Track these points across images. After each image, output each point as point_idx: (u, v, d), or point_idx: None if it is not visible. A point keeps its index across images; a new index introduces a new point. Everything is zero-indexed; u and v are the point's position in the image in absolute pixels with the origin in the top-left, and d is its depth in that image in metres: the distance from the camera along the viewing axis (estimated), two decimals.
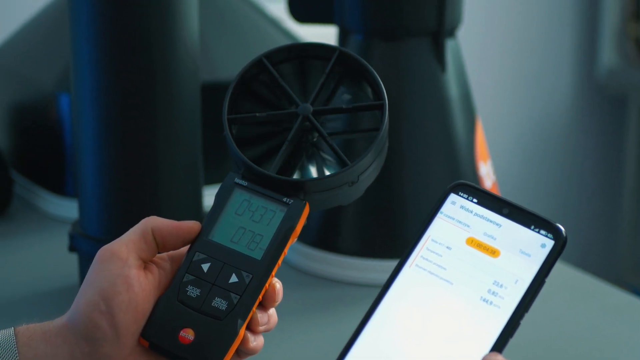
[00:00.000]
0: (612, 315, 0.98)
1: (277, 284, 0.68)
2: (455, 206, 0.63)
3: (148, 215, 0.69)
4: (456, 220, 0.62)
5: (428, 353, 0.59)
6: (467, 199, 0.63)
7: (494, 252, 0.61)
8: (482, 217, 0.62)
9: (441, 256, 0.62)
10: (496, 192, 1.11)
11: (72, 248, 0.98)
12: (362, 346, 0.60)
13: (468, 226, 0.62)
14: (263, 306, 0.68)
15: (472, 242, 0.61)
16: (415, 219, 1.03)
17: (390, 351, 0.60)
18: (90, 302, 0.65)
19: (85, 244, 0.95)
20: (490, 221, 0.61)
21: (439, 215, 0.63)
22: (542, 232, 0.60)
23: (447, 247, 0.62)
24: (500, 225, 0.61)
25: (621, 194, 2.54)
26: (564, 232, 0.60)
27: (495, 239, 0.61)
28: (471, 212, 0.62)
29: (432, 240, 0.62)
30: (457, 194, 0.63)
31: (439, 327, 0.60)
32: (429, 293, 0.61)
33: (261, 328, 0.67)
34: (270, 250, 0.67)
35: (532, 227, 0.61)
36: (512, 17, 2.40)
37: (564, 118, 2.52)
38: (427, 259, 0.62)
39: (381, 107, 0.70)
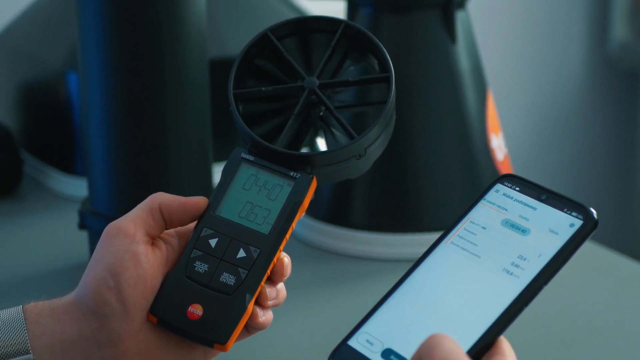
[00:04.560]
0: (628, 287, 0.97)
1: (286, 258, 0.67)
2: (499, 194, 0.65)
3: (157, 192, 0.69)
4: (496, 205, 0.65)
5: (445, 316, 0.61)
6: (510, 187, 0.65)
7: (524, 231, 0.63)
8: (520, 202, 0.64)
9: (475, 235, 0.64)
10: (508, 164, 1.10)
11: (81, 226, 0.98)
12: (388, 308, 0.62)
13: (506, 210, 0.65)
14: (272, 281, 0.67)
15: (507, 223, 0.64)
16: (427, 192, 1.03)
17: (411, 314, 0.62)
18: (98, 278, 0.65)
19: (95, 221, 0.95)
20: (527, 205, 0.64)
21: (482, 201, 0.66)
22: (574, 213, 0.62)
23: (483, 227, 0.64)
24: (536, 209, 0.64)
25: (634, 168, 2.52)
26: (594, 215, 0.62)
27: (528, 220, 0.63)
28: (511, 198, 0.65)
29: (471, 221, 0.65)
30: (503, 183, 0.66)
31: (458, 293, 0.62)
32: (457, 265, 0.63)
33: (270, 303, 0.67)
34: (278, 225, 0.67)
35: (565, 209, 0.63)
36: None
37: (576, 91, 2.51)
38: (462, 237, 0.64)
39: (388, 80, 0.69)
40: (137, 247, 0.65)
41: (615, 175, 2.58)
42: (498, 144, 1.08)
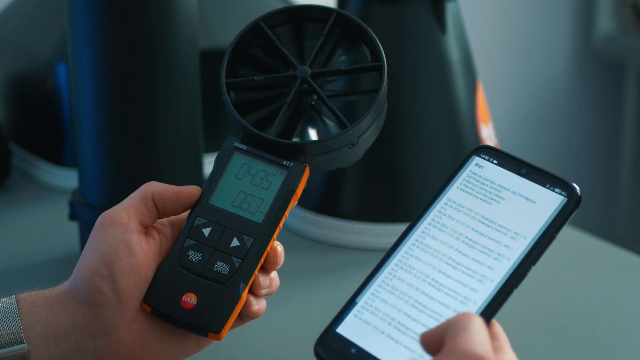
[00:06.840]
0: (615, 275, 0.98)
1: (279, 247, 0.68)
2: (476, 167, 0.65)
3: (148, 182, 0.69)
4: (474, 180, 0.64)
5: (433, 302, 0.61)
6: (487, 160, 0.64)
7: (506, 209, 0.62)
8: (499, 176, 0.64)
9: (455, 212, 0.63)
10: None
11: (72, 217, 0.97)
12: (376, 286, 0.62)
13: (485, 185, 0.64)
14: (265, 269, 0.68)
15: (487, 199, 0.63)
16: (416, 182, 1.03)
17: (398, 293, 0.61)
18: (92, 267, 0.64)
19: (85, 212, 0.95)
20: (507, 180, 0.63)
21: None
22: (557, 190, 0.62)
23: (462, 205, 0.64)
24: (516, 184, 0.63)
25: (619, 159, 2.54)
26: (578, 191, 0.61)
27: (510, 196, 0.63)
28: (490, 171, 0.64)
29: (449, 198, 0.64)
30: (479, 156, 0.65)
31: (444, 276, 0.61)
32: (440, 244, 0.63)
33: (263, 291, 0.67)
34: (271, 214, 0.67)
35: (548, 185, 0.62)
36: None
37: (562, 82, 2.52)
38: (443, 214, 0.63)
39: (380, 69, 0.69)
40: (131, 236, 0.65)
41: (602, 163, 2.59)
42: (488, 134, 1.08)
